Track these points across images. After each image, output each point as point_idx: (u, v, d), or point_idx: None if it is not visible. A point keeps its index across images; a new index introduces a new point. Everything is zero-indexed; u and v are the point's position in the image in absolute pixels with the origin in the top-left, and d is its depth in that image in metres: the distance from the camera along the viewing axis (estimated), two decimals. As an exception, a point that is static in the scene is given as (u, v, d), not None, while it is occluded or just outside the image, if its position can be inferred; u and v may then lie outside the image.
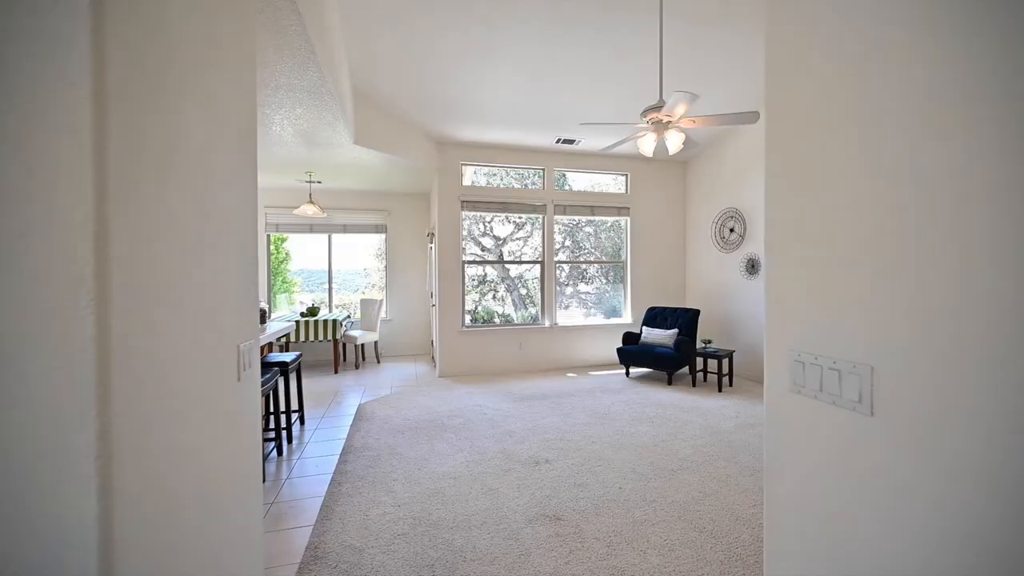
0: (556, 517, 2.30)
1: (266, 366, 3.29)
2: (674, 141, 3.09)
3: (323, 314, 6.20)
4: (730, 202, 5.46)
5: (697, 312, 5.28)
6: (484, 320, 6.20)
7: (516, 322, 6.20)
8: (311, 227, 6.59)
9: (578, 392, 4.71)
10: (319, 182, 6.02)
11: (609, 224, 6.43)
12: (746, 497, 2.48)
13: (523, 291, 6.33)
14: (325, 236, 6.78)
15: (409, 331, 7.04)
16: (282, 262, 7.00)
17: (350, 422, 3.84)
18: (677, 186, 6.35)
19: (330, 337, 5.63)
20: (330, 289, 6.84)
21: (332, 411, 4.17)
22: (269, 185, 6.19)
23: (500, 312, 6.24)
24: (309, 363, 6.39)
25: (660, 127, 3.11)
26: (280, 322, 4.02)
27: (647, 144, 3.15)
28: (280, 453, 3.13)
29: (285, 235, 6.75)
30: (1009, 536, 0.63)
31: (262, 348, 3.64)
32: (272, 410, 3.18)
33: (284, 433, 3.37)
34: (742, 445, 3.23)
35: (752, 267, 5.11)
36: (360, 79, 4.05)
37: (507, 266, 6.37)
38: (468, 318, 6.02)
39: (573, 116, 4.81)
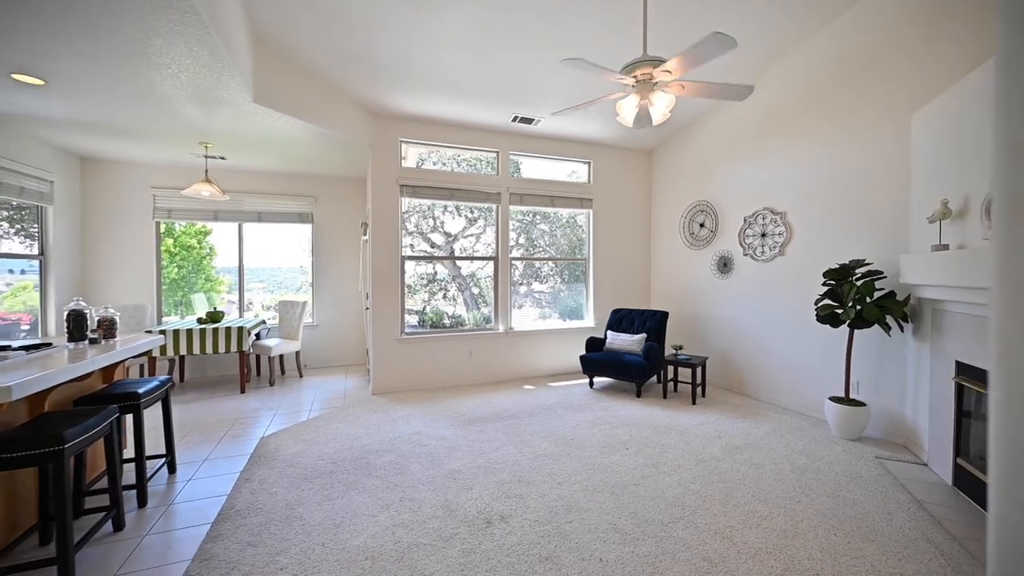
0: (516, 625, 1.59)
1: (103, 400, 2.32)
2: (661, 105, 2.47)
3: (231, 320, 5.10)
4: (700, 195, 5.02)
5: (666, 315, 4.79)
6: (433, 323, 5.38)
7: (468, 324, 5.44)
8: (215, 214, 5.43)
9: (537, 410, 4.03)
10: (222, 158, 4.92)
11: (565, 220, 5.81)
12: (761, 565, 1.90)
13: (475, 290, 5.59)
14: (234, 226, 5.63)
15: (340, 338, 6.05)
16: (204, 258, 5.79)
17: (243, 465, 2.91)
18: (643, 177, 5.87)
19: (234, 348, 4.57)
20: (240, 289, 5.70)
21: (222, 449, 3.19)
22: (154, 159, 4.98)
23: (451, 313, 5.47)
24: (212, 380, 5.25)
25: (645, 88, 2.48)
26: (145, 336, 3.00)
27: (628, 108, 2.51)
28: (119, 527, 2.17)
29: (205, 225, 5.53)
30: None
31: (108, 369, 2.64)
32: (108, 465, 2.20)
33: (135, 493, 2.40)
34: (734, 478, 2.69)
35: (724, 265, 4.68)
36: (263, 22, 3.11)
37: (458, 264, 5.59)
38: (415, 319, 5.19)
39: (534, 86, 4.12)
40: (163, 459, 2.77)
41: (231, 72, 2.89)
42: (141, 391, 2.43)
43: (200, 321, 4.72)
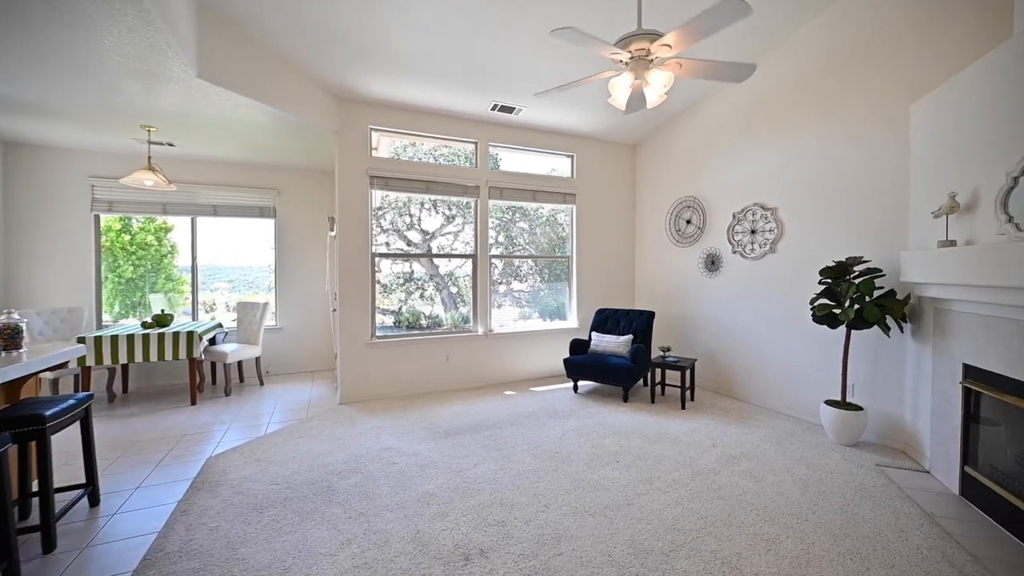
0: None
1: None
2: (657, 85, 2.23)
3: (182, 323, 4.63)
4: (686, 190, 4.85)
5: (652, 315, 4.59)
6: (409, 323, 5.04)
7: (446, 324, 5.12)
8: (164, 207, 4.93)
9: (519, 418, 3.76)
10: (170, 144, 4.44)
11: (545, 218, 5.55)
12: (778, 600, 1.67)
13: (453, 289, 5.28)
14: (187, 220, 5.14)
15: (306, 342, 5.63)
16: (165, 256, 5.26)
17: (182, 493, 2.52)
18: (627, 171, 5.67)
19: (184, 355, 4.11)
20: (194, 289, 5.22)
21: (160, 474, 2.79)
22: (92, 144, 4.46)
23: (428, 313, 5.13)
24: (160, 391, 4.76)
25: (641, 65, 2.23)
26: (59, 346, 2.57)
27: (621, 87, 2.26)
28: (13, 582, 1.78)
29: (166, 221, 5.00)
30: None
31: (14, 385, 2.23)
32: (-1, 506, 1.80)
33: (40, 537, 2.00)
34: (734, 493, 2.48)
35: (712, 263, 4.51)
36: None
37: (436, 263, 5.26)
38: (391, 319, 4.85)
39: (515, 72, 3.83)
40: (83, 490, 2.36)
41: (166, 39, 2.49)
42: (48, 413, 2.03)
43: (145, 325, 4.24)
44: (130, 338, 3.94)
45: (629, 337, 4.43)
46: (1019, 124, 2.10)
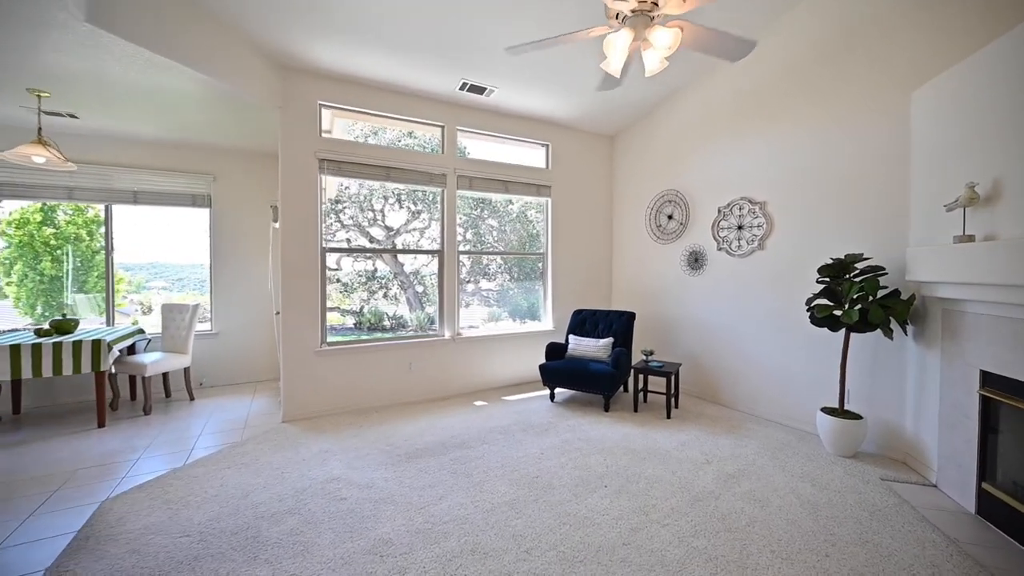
0: None
1: None
2: (661, 45, 1.86)
3: (88, 330, 3.91)
4: (668, 184, 4.57)
5: (633, 316, 4.29)
6: (371, 324, 4.53)
7: (411, 324, 4.63)
8: (69, 192, 4.16)
9: (491, 435, 3.33)
10: (72, 116, 3.71)
11: (516, 215, 5.15)
12: None
13: (419, 288, 4.79)
14: (101, 208, 4.38)
15: (248, 348, 4.97)
16: (97, 252, 4.45)
17: (56, 555, 1.94)
18: (604, 163, 5.35)
19: (88, 368, 3.43)
20: (109, 290, 4.46)
21: (34, 525, 2.17)
22: (-32, 113, 3.66)
23: (392, 314, 4.63)
24: (64, 410, 4.00)
25: (641, 23, 1.85)
26: None
27: (618, 45, 1.87)
28: None
29: (99, 214, 4.19)
30: None
31: None
32: None
33: None
34: (741, 523, 2.16)
35: (696, 261, 4.25)
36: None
37: (400, 260, 4.75)
38: (352, 321, 4.33)
39: (487, 44, 3.40)
40: (-96, 562, 1.75)
41: (30, -38, 1.90)
42: None
43: (39, 333, 3.52)
44: (15, 349, 3.22)
45: (609, 340, 4.10)
46: (1054, 104, 1.88)
